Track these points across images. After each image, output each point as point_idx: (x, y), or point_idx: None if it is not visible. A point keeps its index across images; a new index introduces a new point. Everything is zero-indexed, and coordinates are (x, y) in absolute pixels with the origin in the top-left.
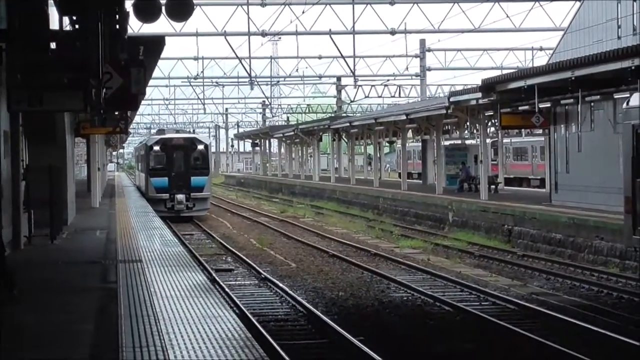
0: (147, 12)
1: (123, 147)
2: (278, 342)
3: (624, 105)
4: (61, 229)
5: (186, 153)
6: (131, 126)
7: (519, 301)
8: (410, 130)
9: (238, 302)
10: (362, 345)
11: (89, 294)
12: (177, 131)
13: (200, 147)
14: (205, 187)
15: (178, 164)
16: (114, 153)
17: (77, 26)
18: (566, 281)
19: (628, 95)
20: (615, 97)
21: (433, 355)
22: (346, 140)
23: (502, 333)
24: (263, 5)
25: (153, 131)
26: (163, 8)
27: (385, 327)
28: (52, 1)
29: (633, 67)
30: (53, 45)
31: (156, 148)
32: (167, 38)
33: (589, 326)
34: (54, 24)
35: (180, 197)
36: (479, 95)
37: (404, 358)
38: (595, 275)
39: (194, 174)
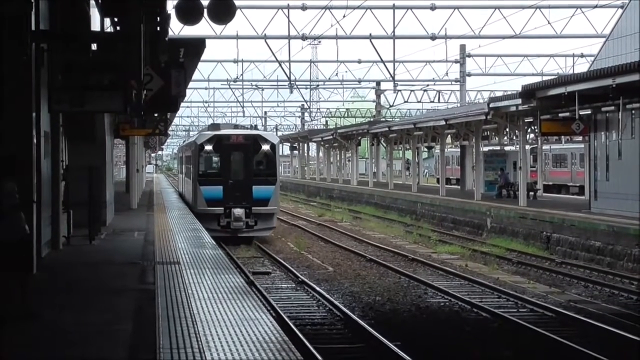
0: (189, 14)
1: (162, 149)
2: (314, 346)
3: None
4: (100, 229)
5: (247, 155)
6: (170, 128)
7: (557, 308)
8: (449, 136)
9: (275, 305)
10: (398, 350)
11: (127, 295)
12: (236, 126)
13: (266, 147)
14: (272, 199)
15: (236, 168)
16: (153, 155)
17: (118, 27)
18: (605, 289)
19: None
20: None
21: None
22: (385, 144)
23: (539, 340)
24: (304, 8)
25: (193, 133)
26: (205, 10)
27: (422, 332)
28: (93, 2)
29: None
30: (94, 46)
31: (208, 147)
32: (207, 41)
33: (628, 335)
34: (95, 25)
35: (239, 212)
36: (519, 101)
37: None
38: (634, 284)
39: (256, 183)
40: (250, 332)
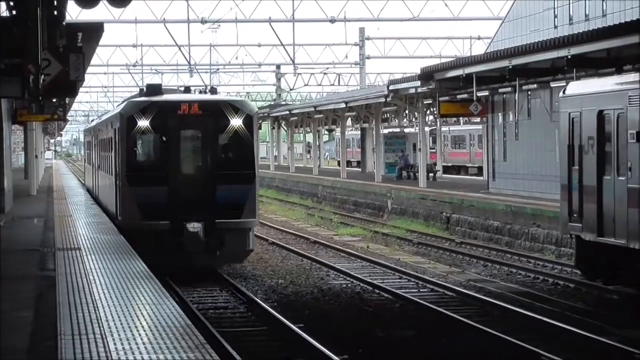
0: None
1: (61, 135)
2: (218, 330)
3: (561, 93)
4: None
5: (207, 135)
6: (69, 114)
7: (457, 288)
8: (349, 119)
9: (177, 289)
10: (301, 332)
11: (27, 282)
12: (187, 89)
13: (236, 121)
14: (247, 206)
15: (189, 157)
16: (52, 141)
17: (14, 12)
18: (503, 268)
19: (564, 84)
20: (552, 85)
21: (372, 341)
22: (285, 128)
23: (440, 319)
24: None
25: (92, 118)
26: None
27: (324, 314)
28: None
29: (569, 56)
30: None
31: (143, 123)
32: (105, 25)
33: (526, 312)
34: None
35: (194, 227)
36: (418, 83)
37: (343, 345)
38: (531, 262)
39: (222, 180)
40: (153, 317)
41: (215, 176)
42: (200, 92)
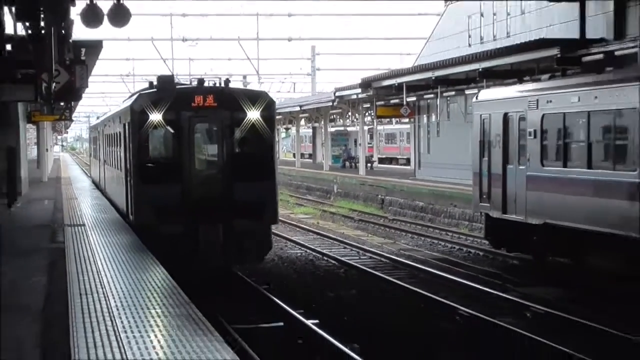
0: (92, 20)
1: (67, 132)
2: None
3: (474, 99)
4: (16, 198)
5: (223, 128)
6: (73, 115)
7: (391, 256)
8: (303, 119)
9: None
10: (267, 293)
11: (41, 252)
12: (200, 82)
13: (254, 114)
14: (267, 206)
15: (204, 153)
16: (59, 137)
17: (29, 31)
18: (427, 239)
19: (477, 91)
20: (467, 93)
21: (323, 300)
22: None
23: (377, 281)
24: (184, 16)
25: (93, 119)
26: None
27: (284, 277)
28: (7, 9)
29: (480, 69)
30: (9, 47)
31: (155, 117)
32: (104, 42)
33: (446, 275)
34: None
35: (211, 230)
36: (359, 90)
37: (299, 302)
38: (449, 235)
39: (240, 177)
40: (147, 280)
41: (233, 173)
42: (214, 84)
